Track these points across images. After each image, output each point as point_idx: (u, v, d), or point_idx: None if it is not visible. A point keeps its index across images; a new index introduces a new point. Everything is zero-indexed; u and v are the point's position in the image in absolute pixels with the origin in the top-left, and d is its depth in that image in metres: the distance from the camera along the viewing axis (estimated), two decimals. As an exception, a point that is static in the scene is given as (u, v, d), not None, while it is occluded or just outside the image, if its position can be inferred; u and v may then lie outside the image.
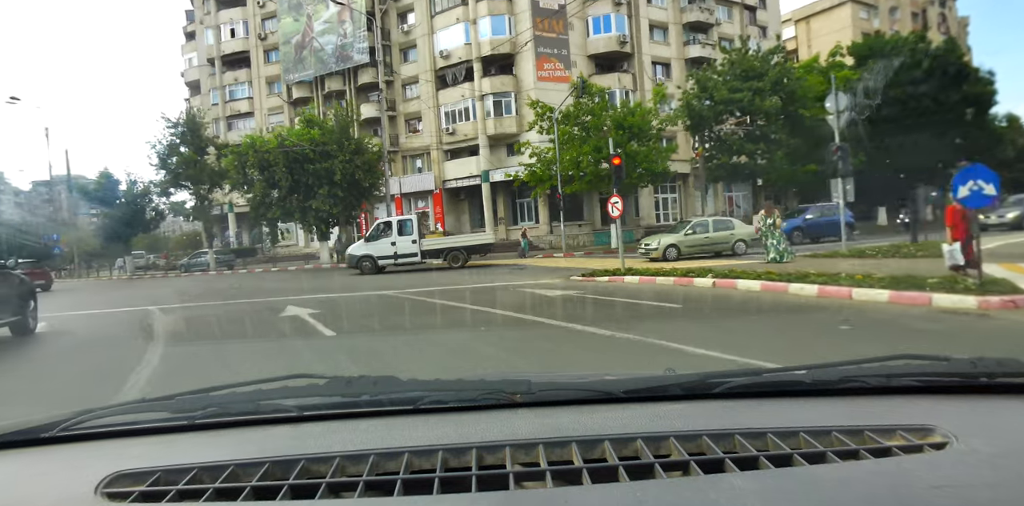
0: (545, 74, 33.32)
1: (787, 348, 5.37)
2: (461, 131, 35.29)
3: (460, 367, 4.92)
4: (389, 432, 0.97)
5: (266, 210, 26.98)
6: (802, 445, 0.83)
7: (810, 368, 1.11)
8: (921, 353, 1.13)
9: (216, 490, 0.77)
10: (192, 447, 0.97)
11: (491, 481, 0.76)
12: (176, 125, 30.12)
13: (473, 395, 1.07)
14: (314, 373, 1.22)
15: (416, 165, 37.78)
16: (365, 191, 27.73)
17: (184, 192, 31.65)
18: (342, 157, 25.89)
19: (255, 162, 26.13)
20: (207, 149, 31.30)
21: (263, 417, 1.05)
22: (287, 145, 25.40)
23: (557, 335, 6.58)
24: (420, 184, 36.76)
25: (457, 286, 13.23)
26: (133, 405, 1.11)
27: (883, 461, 0.76)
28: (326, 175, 25.62)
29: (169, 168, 30.02)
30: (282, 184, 25.97)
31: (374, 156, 27.54)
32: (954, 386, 1.06)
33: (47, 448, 1.00)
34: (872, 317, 6.77)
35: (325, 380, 1.13)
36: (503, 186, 34.75)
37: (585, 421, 0.95)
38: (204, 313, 10.62)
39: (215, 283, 20.40)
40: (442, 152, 36.64)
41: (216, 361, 6.01)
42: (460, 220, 37.44)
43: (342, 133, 26.84)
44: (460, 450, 0.85)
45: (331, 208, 26.13)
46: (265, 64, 44.46)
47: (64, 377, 5.78)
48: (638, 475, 0.75)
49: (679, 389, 1.07)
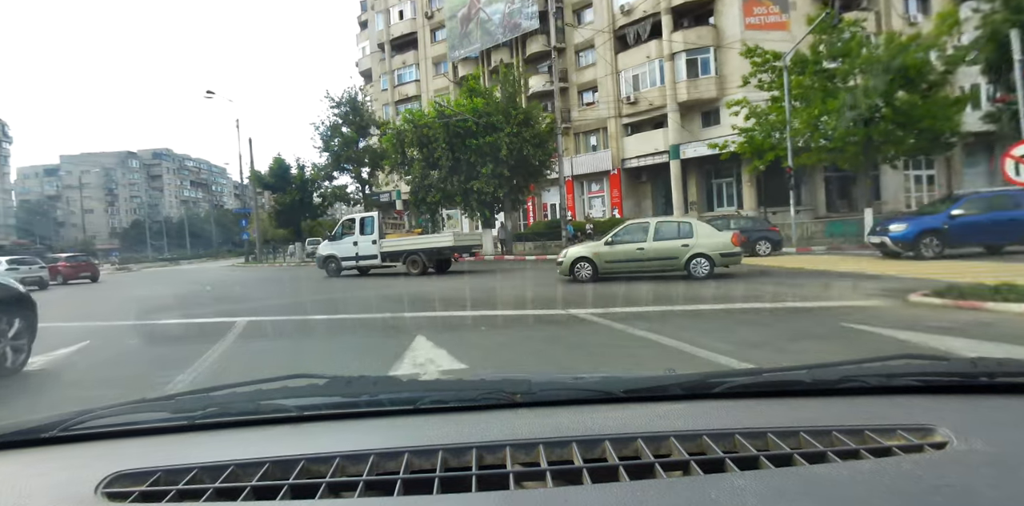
0: (755, 21, 26.52)
1: None
2: (645, 99, 29.74)
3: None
4: (389, 432, 0.98)
5: (425, 193, 23.88)
6: (802, 445, 0.83)
7: (810, 368, 1.10)
8: (921, 352, 1.13)
9: (216, 490, 0.77)
10: (192, 447, 0.95)
11: (491, 481, 0.76)
12: (339, 104, 28.35)
13: (473, 395, 1.07)
14: (314, 373, 1.20)
15: (590, 143, 32.92)
16: (534, 171, 23.50)
17: (346, 176, 29.99)
18: (508, 130, 21.83)
19: (414, 139, 23.10)
20: (369, 129, 29.26)
21: (263, 417, 1.04)
22: (447, 115, 21.89)
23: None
24: (594, 164, 31.88)
25: (700, 306, 8.12)
26: (133, 405, 1.09)
27: (883, 461, 0.76)
28: (490, 151, 21.76)
29: (331, 150, 28.36)
30: (442, 163, 22.61)
31: (545, 128, 23.14)
32: (954, 386, 1.06)
33: (47, 448, 1.00)
34: None
35: (325, 380, 1.12)
36: (696, 164, 28.68)
37: (585, 421, 0.95)
38: (299, 344, 6.68)
39: (363, 282, 17.23)
40: (620, 126, 31.41)
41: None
42: (640, 205, 31.98)
43: (508, 102, 22.80)
44: (460, 450, 0.85)
45: (495, 189, 22.23)
46: (432, 44, 42.72)
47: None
48: (638, 475, 0.75)
49: (679, 389, 1.07)
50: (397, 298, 10.55)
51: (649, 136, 29.83)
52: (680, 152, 28.33)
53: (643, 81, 30.09)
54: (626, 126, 31.58)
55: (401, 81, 44.85)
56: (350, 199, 29.17)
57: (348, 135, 28.15)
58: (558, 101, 25.52)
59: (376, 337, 6.52)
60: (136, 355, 6.18)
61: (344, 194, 29.09)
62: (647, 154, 29.97)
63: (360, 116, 28.69)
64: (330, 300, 10.96)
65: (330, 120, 28.35)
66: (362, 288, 13.38)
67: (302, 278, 18.71)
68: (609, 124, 31.73)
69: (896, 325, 5.54)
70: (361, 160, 28.24)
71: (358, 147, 28.54)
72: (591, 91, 33.05)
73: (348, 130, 28.15)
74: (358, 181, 29.32)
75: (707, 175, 29.48)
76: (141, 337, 7.35)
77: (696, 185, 29.41)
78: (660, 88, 29.13)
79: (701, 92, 27.73)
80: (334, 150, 28.30)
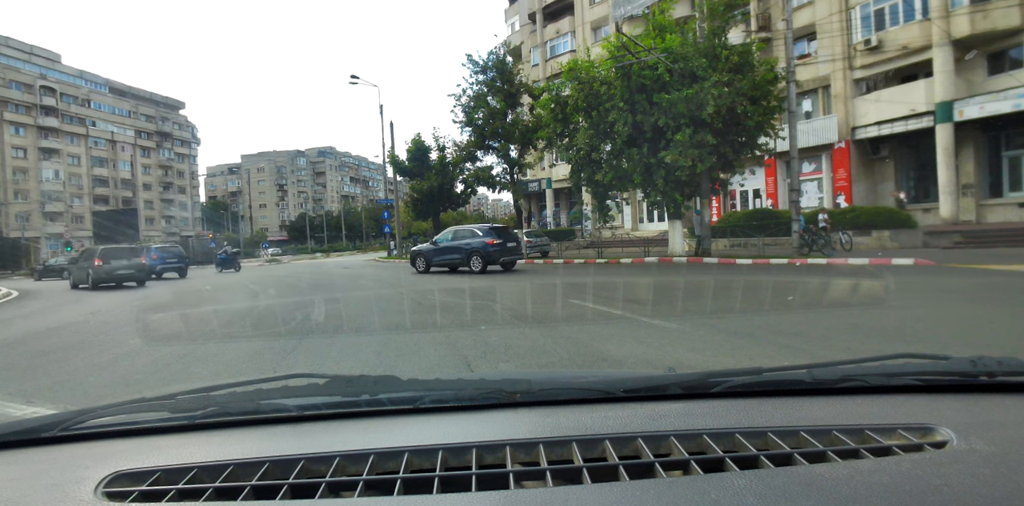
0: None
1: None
2: (894, 42, 21.41)
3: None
4: (389, 432, 0.98)
5: (592, 172, 17.95)
6: (802, 444, 0.83)
7: (810, 367, 1.10)
8: (921, 352, 1.12)
9: (216, 490, 0.77)
10: (192, 447, 0.95)
11: (491, 481, 0.76)
12: (483, 69, 23.34)
13: (473, 394, 1.07)
14: (314, 373, 1.19)
15: (803, 108, 24.91)
16: (750, 136, 16.60)
17: (491, 156, 24.94)
18: (716, 77, 15.18)
19: (580, 99, 17.30)
20: (519, 98, 23.96)
21: (263, 417, 1.05)
22: (627, 59, 15.75)
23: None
24: (811, 136, 23.93)
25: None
26: (133, 405, 1.09)
27: (883, 460, 0.76)
28: (687, 110, 15.28)
29: (475, 124, 23.45)
30: (618, 128, 16.50)
31: (769, 75, 16.13)
32: (954, 385, 1.06)
33: (47, 448, 1.00)
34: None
35: (325, 380, 1.11)
36: (977, 128, 19.89)
37: (585, 420, 0.95)
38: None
39: (507, 284, 11.86)
40: (851, 83, 23.19)
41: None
42: (877, 190, 23.52)
43: (714, 38, 16.15)
44: (460, 449, 0.85)
45: (694, 164, 15.71)
46: (590, 6, 36.82)
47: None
48: (638, 474, 0.75)
49: (679, 388, 1.07)
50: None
51: (899, 92, 21.42)
52: (953, 112, 19.72)
53: (891, 16, 21.71)
54: (859, 82, 23.31)
55: (554, 53, 39.50)
56: (496, 182, 24.08)
57: (494, 106, 23.06)
58: (789, 14, 18.20)
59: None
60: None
61: (489, 177, 24.08)
62: (894, 118, 21.60)
63: (509, 83, 23.44)
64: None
65: (473, 89, 23.46)
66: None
67: (412, 284, 13.74)
68: (833, 80, 23.63)
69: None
70: (510, 135, 22.99)
71: (506, 120, 23.35)
72: (805, 39, 25.07)
73: (494, 99, 23.06)
74: (506, 161, 24.13)
75: (994, 145, 20.43)
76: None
77: (975, 159, 20.50)
78: (921, 23, 20.66)
79: (995, 21, 18.93)
80: (477, 124, 23.35)
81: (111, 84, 76.51)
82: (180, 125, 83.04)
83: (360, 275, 18.45)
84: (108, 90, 75.06)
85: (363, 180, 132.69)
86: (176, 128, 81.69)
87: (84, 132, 67.50)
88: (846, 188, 23.46)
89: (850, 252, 16.68)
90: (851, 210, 20.47)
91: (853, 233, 18.10)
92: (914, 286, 8.87)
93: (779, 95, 16.81)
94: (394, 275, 17.70)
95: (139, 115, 76.19)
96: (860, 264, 13.09)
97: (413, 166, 29.03)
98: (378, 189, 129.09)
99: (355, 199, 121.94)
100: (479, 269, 15.97)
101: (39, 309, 12.41)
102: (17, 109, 60.33)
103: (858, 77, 23.17)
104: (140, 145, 75.38)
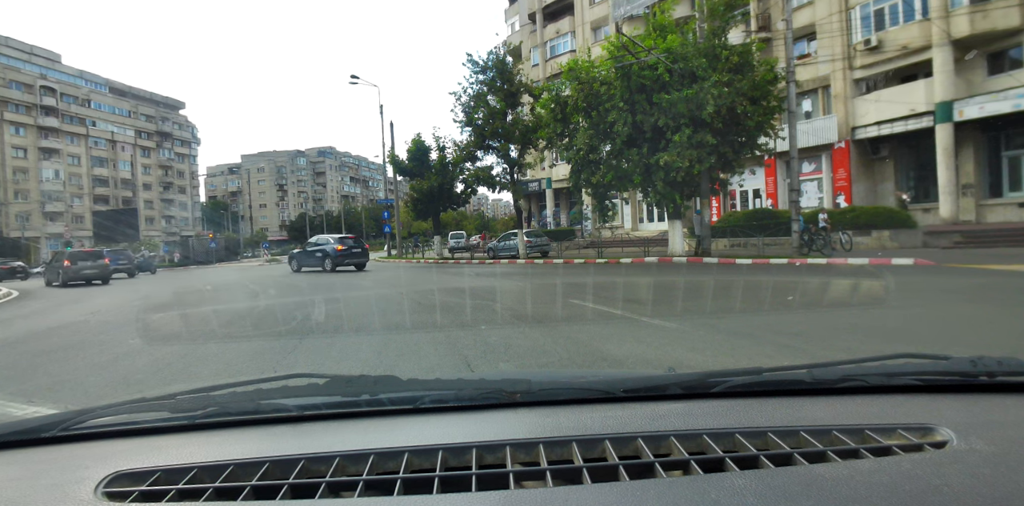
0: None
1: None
2: (894, 42, 21.43)
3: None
4: (389, 432, 0.97)
5: (591, 172, 17.95)
6: (802, 444, 0.83)
7: (810, 367, 1.10)
8: (921, 352, 1.12)
9: (216, 490, 0.77)
10: (192, 447, 0.94)
11: (491, 481, 0.76)
12: (484, 69, 23.33)
13: (473, 394, 1.06)
14: (314, 372, 1.19)
15: (803, 108, 24.92)
16: (749, 136, 16.61)
17: (491, 156, 24.91)
18: (716, 77, 15.19)
19: (580, 99, 17.30)
20: (519, 97, 23.94)
21: (263, 417, 1.04)
22: (626, 60, 15.76)
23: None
24: (811, 136, 23.94)
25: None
26: (133, 405, 1.08)
27: (883, 460, 0.76)
28: (687, 110, 15.29)
29: (475, 124, 23.43)
30: (618, 129, 16.52)
31: (769, 75, 16.14)
32: (954, 385, 1.05)
33: (47, 448, 0.99)
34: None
35: (325, 380, 1.11)
36: (977, 128, 19.91)
37: (585, 420, 0.95)
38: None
39: (507, 284, 11.84)
40: (851, 83, 23.21)
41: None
42: (877, 190, 23.55)
43: (714, 38, 16.16)
44: (460, 449, 0.85)
45: (693, 164, 15.71)
46: (590, 6, 36.89)
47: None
48: (638, 474, 0.75)
49: (679, 388, 1.06)
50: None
51: (899, 92, 21.44)
52: (953, 112, 19.74)
53: (891, 16, 21.73)
54: (859, 82, 23.32)
55: (554, 53, 39.59)
56: (496, 182, 24.06)
57: (494, 106, 23.05)
58: (788, 14, 18.21)
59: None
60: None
61: (489, 177, 24.05)
62: (894, 118, 21.62)
63: (509, 82, 23.43)
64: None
65: (473, 89, 23.45)
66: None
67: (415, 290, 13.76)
68: (833, 80, 23.65)
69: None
70: (510, 135, 22.97)
71: (506, 120, 23.32)
72: (805, 39, 25.08)
73: (494, 99, 23.05)
74: (506, 161, 24.11)
75: (993, 146, 20.45)
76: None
77: (975, 160, 20.52)
78: (920, 23, 20.68)
79: (995, 21, 18.95)
80: (477, 123, 23.33)
81: (111, 84, 76.55)
82: (180, 125, 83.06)
83: (357, 275, 18.45)
84: (108, 90, 75.09)
85: (363, 180, 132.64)
86: (176, 128, 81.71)
87: (84, 132, 67.51)
88: (846, 188, 23.47)
89: (850, 252, 16.67)
90: (851, 210, 20.47)
91: (853, 233, 18.09)
92: (914, 286, 8.88)
93: (779, 95, 16.81)
94: (394, 275, 17.69)
95: (139, 115, 76.24)
96: (860, 264, 13.09)
97: (413, 166, 29.05)
98: (378, 189, 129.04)
99: (355, 199, 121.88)
100: (329, 269, 20.24)
101: (39, 309, 12.41)
102: (17, 109, 60.34)
103: (858, 77, 23.19)
104: (140, 145, 75.40)
